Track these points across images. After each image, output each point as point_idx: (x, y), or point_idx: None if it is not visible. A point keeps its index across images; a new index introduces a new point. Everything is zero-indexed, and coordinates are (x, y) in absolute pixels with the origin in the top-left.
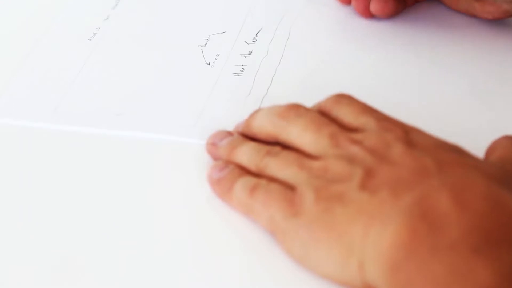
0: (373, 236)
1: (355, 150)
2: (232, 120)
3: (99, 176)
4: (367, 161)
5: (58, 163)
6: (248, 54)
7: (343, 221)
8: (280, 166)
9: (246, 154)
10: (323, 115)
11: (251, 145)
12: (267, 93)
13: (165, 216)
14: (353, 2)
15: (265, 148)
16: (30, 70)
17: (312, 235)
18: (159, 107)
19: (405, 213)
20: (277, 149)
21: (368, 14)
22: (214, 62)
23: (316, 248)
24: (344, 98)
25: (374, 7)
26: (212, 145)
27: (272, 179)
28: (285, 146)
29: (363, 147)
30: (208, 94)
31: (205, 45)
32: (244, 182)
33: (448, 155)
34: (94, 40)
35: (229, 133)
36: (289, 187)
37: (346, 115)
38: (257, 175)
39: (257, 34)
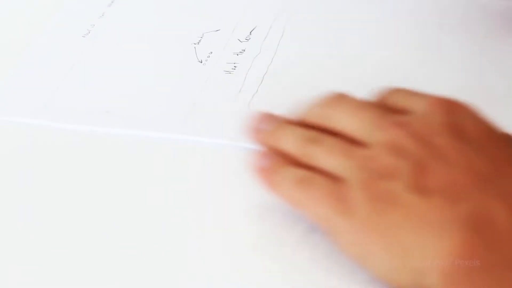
0: (428, 244)
1: (400, 135)
2: (223, 117)
3: (89, 174)
4: (415, 154)
5: (47, 160)
6: (241, 52)
7: (396, 225)
8: (325, 156)
9: (291, 141)
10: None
11: (297, 131)
12: (257, 91)
13: (156, 212)
14: None
15: (311, 134)
16: (25, 67)
17: (366, 237)
18: (150, 104)
19: (461, 224)
20: (323, 135)
21: None
22: (206, 60)
23: (370, 250)
24: (398, 88)
25: None
26: (256, 130)
27: (318, 170)
28: (332, 133)
29: (408, 132)
30: (199, 91)
31: (198, 42)
32: (291, 173)
33: (501, 152)
34: (89, 37)
35: (273, 117)
36: (336, 179)
37: (398, 99)
38: (302, 163)
39: (251, 33)
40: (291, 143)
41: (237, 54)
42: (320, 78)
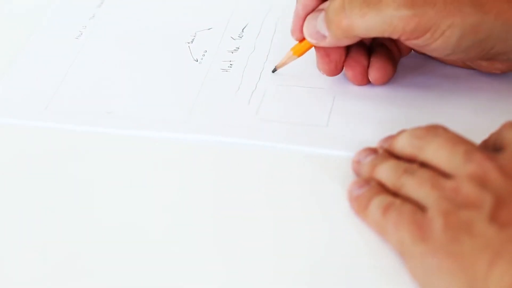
0: (497, 274)
1: (486, 167)
2: (223, 116)
3: (91, 174)
4: (498, 186)
5: (50, 161)
6: (235, 50)
7: (469, 254)
8: (414, 186)
9: (386, 172)
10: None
11: (391, 163)
12: (256, 88)
13: (157, 211)
14: (347, 73)
15: (403, 166)
16: (20, 70)
17: (437, 263)
18: (150, 104)
19: None
20: (414, 167)
21: (365, 83)
22: (202, 59)
23: (439, 277)
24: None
25: (374, 76)
26: (357, 163)
27: (406, 199)
28: (424, 164)
29: (495, 166)
30: (198, 90)
31: (192, 41)
32: (379, 201)
33: None
34: (81, 39)
35: (374, 151)
36: (420, 208)
37: (503, 135)
38: (394, 193)
39: (243, 30)
40: (387, 174)
41: (232, 52)
42: (316, 73)
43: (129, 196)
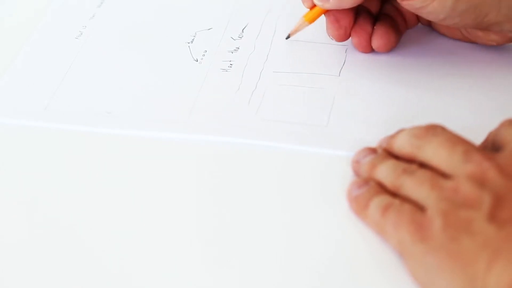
0: (497, 272)
1: (485, 167)
2: (223, 116)
3: (91, 174)
4: (497, 185)
5: (49, 161)
6: (235, 50)
7: (468, 252)
8: (414, 186)
9: (385, 172)
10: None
11: (390, 163)
12: (256, 88)
13: (157, 211)
14: (353, 39)
15: (402, 166)
16: (20, 70)
17: (437, 263)
18: (150, 104)
19: None
20: (413, 167)
21: (369, 50)
22: (202, 59)
23: (439, 276)
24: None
25: (376, 43)
26: (356, 163)
27: (405, 199)
28: (423, 165)
29: (494, 166)
30: (198, 90)
31: (192, 41)
32: (379, 201)
33: None
34: (81, 39)
35: (373, 151)
36: (420, 208)
37: (504, 133)
38: (393, 193)
39: (243, 30)
40: (386, 174)
41: (232, 52)
42: (316, 73)
43: (129, 196)
